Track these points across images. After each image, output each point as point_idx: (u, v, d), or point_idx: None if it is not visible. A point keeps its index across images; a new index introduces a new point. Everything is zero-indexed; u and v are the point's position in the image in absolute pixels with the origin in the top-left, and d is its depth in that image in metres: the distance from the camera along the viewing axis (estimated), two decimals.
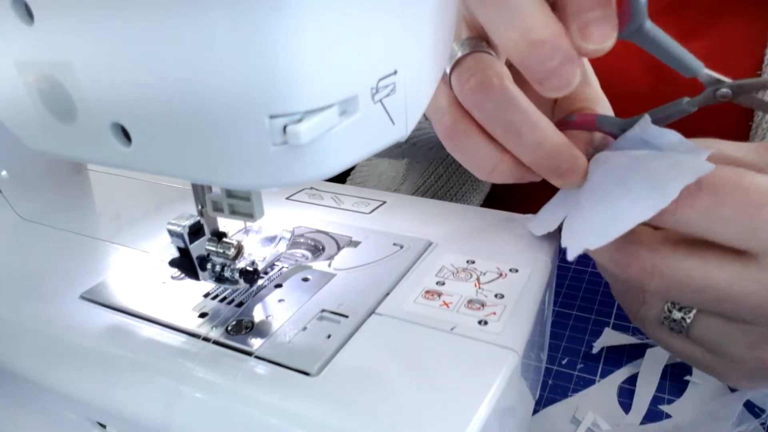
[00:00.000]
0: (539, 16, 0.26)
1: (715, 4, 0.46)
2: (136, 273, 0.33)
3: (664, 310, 0.30)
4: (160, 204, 0.42)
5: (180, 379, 0.26)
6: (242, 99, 0.18)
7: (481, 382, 0.24)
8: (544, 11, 0.26)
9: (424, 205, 0.41)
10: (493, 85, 0.29)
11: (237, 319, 0.29)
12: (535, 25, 0.25)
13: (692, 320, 0.29)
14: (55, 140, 0.24)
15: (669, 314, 0.30)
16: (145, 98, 0.20)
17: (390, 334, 0.27)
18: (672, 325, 0.30)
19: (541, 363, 0.37)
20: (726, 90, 0.28)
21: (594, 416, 0.35)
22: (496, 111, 0.29)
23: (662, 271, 0.27)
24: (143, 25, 0.18)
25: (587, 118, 0.31)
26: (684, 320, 0.29)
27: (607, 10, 0.26)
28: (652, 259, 0.27)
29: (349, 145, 0.21)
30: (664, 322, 0.30)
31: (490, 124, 0.30)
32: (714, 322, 0.29)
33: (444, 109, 0.31)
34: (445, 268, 0.32)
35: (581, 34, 0.26)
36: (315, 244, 0.36)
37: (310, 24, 0.17)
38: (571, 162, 0.29)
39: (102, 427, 0.29)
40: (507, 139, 0.29)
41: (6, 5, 0.20)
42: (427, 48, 0.23)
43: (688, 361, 0.33)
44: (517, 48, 0.26)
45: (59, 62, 0.21)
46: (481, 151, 0.31)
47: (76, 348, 0.29)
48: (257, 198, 0.27)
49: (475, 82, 0.29)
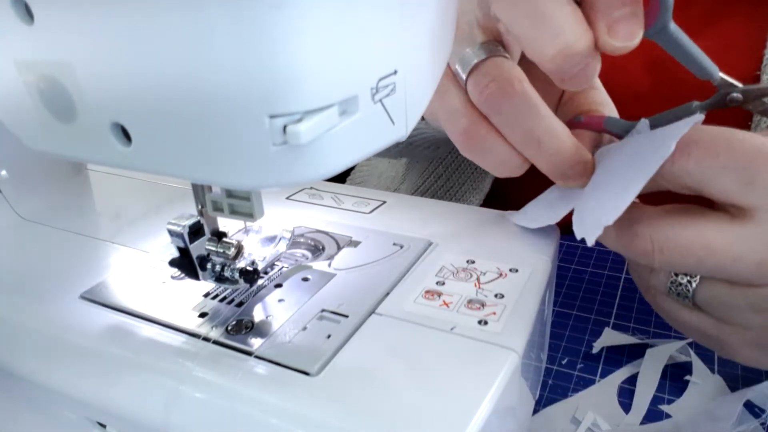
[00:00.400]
0: (577, 30, 0.26)
1: (715, 4, 0.46)
2: (136, 273, 0.33)
3: (671, 275, 0.30)
4: (160, 204, 0.42)
5: (180, 379, 0.26)
6: (242, 98, 0.18)
7: (481, 382, 0.24)
8: (580, 23, 0.26)
9: (424, 205, 0.41)
10: (515, 91, 0.29)
11: (237, 319, 0.29)
12: (573, 40, 0.26)
13: (698, 284, 0.30)
14: (55, 140, 0.24)
15: (675, 278, 0.30)
16: (145, 98, 0.20)
17: (390, 334, 0.27)
18: (678, 290, 0.30)
19: (541, 363, 0.37)
20: (737, 95, 0.28)
21: (594, 416, 0.35)
22: (516, 117, 0.29)
23: (662, 245, 0.28)
24: (143, 25, 0.18)
25: (594, 120, 0.32)
26: (690, 284, 0.30)
27: (635, 8, 0.26)
28: (652, 235, 0.28)
29: (349, 145, 0.21)
30: (671, 288, 0.31)
31: (509, 130, 0.30)
32: (719, 285, 0.29)
33: (459, 111, 0.31)
34: (445, 268, 0.32)
35: (609, 31, 0.26)
36: (315, 244, 0.36)
37: (311, 23, 0.17)
38: (582, 167, 0.30)
39: (102, 427, 0.29)
40: (525, 145, 0.30)
41: (6, 5, 0.20)
42: (427, 48, 0.23)
43: (695, 337, 0.33)
44: (553, 60, 0.26)
45: (59, 62, 0.21)
46: (498, 152, 0.31)
47: (76, 348, 0.29)
48: (257, 198, 0.27)
49: (496, 87, 0.29)
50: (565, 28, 0.26)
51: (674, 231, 0.27)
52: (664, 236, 0.28)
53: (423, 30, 0.23)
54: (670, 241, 0.27)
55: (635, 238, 0.28)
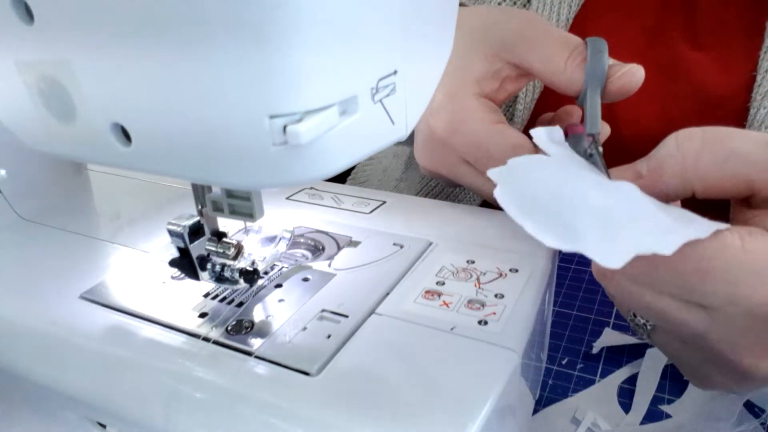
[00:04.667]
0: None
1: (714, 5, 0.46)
2: (136, 273, 0.33)
3: (630, 314, 0.30)
4: (160, 204, 0.42)
5: (180, 379, 0.26)
6: (242, 99, 0.18)
7: (481, 382, 0.24)
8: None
9: (424, 205, 0.41)
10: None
11: (237, 319, 0.29)
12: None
13: (652, 328, 0.29)
14: (55, 140, 0.24)
15: (633, 318, 0.30)
16: (145, 98, 0.20)
17: (390, 334, 0.27)
18: (636, 330, 0.30)
19: (541, 363, 0.37)
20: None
21: (594, 416, 0.35)
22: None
23: (612, 278, 0.27)
24: (143, 26, 0.18)
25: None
26: (646, 326, 0.29)
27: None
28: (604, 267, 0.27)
29: (349, 145, 0.21)
30: (629, 324, 0.30)
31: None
32: (672, 338, 0.29)
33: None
34: (445, 268, 0.32)
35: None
36: (315, 244, 0.36)
37: (311, 24, 0.17)
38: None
39: (102, 427, 0.29)
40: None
41: (6, 5, 0.20)
42: (427, 48, 0.23)
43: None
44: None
45: (59, 62, 0.21)
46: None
47: (76, 348, 0.29)
48: (257, 198, 0.27)
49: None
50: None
51: (624, 276, 0.26)
52: (616, 277, 0.27)
53: (423, 30, 0.23)
54: (622, 284, 0.27)
55: (594, 264, 0.27)
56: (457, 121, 0.37)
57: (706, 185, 0.26)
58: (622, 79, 0.32)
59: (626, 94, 0.33)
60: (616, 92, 0.33)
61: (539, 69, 0.34)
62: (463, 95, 0.37)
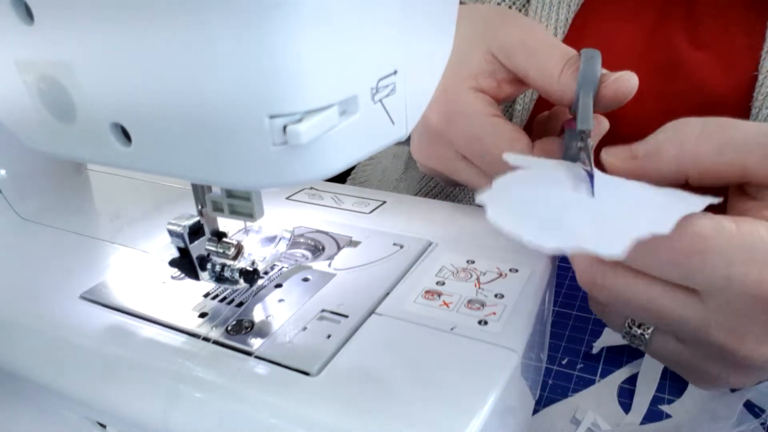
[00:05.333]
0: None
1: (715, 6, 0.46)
2: (136, 273, 0.33)
3: (625, 326, 0.30)
4: (160, 204, 0.42)
5: (180, 378, 0.26)
6: (242, 99, 0.18)
7: (481, 382, 0.24)
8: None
9: (424, 205, 0.41)
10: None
11: (237, 319, 0.29)
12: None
13: (650, 336, 0.29)
14: (55, 140, 0.24)
15: (629, 329, 0.30)
16: (145, 98, 0.20)
17: (390, 335, 0.27)
18: (632, 342, 0.30)
19: (541, 363, 0.37)
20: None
21: (594, 416, 0.35)
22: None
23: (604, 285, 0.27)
24: (143, 26, 0.18)
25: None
26: (643, 336, 0.29)
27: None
28: (595, 274, 0.27)
29: (349, 145, 0.21)
30: (624, 337, 0.30)
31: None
32: (670, 340, 0.29)
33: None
34: (445, 268, 0.32)
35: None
36: (315, 244, 0.36)
37: (310, 24, 0.17)
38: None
39: (102, 427, 0.29)
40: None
41: (6, 5, 0.20)
42: (427, 48, 0.23)
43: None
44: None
45: (59, 62, 0.21)
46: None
47: (76, 348, 0.29)
48: (257, 198, 0.27)
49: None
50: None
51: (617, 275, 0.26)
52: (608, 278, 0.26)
53: (423, 30, 0.23)
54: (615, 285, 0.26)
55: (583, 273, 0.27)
56: (452, 112, 0.37)
57: (701, 171, 0.26)
58: (616, 83, 0.32)
59: (620, 100, 0.32)
60: (611, 97, 0.32)
61: (534, 79, 0.34)
62: (459, 88, 0.37)
